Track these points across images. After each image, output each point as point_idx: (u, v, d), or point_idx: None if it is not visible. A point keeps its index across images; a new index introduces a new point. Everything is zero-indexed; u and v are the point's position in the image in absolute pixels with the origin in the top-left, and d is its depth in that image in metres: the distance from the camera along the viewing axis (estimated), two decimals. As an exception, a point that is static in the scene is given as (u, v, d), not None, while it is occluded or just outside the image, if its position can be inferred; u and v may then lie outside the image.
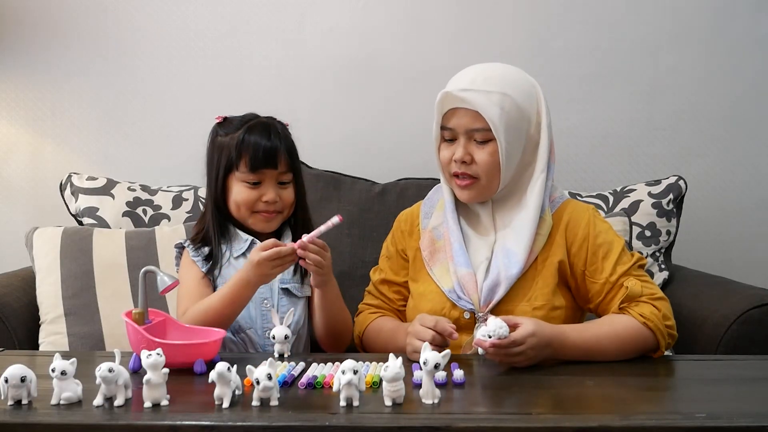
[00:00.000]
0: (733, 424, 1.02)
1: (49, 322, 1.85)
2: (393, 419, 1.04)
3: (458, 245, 1.51)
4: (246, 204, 1.59)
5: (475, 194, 1.51)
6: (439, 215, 1.59)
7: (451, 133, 1.49)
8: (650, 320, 1.40)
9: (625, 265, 1.47)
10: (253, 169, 1.57)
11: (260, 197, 1.58)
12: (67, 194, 2.14)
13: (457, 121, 1.47)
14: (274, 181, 1.60)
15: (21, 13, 2.34)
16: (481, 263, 1.50)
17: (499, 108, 1.43)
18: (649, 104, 2.38)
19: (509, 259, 1.47)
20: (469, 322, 1.48)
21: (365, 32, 2.36)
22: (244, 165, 1.57)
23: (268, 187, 1.59)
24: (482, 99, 1.43)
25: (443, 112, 1.49)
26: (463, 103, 1.45)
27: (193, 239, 1.63)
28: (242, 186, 1.58)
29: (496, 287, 1.47)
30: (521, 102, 1.46)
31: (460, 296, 1.49)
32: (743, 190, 2.40)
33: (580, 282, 1.50)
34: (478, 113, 1.44)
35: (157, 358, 1.09)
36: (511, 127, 1.45)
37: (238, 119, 1.63)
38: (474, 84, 1.45)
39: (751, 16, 2.36)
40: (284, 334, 1.38)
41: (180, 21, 2.35)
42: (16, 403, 1.09)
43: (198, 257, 1.60)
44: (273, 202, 1.59)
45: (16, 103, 2.36)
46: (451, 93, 1.45)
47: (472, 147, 1.48)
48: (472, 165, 1.48)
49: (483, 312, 1.47)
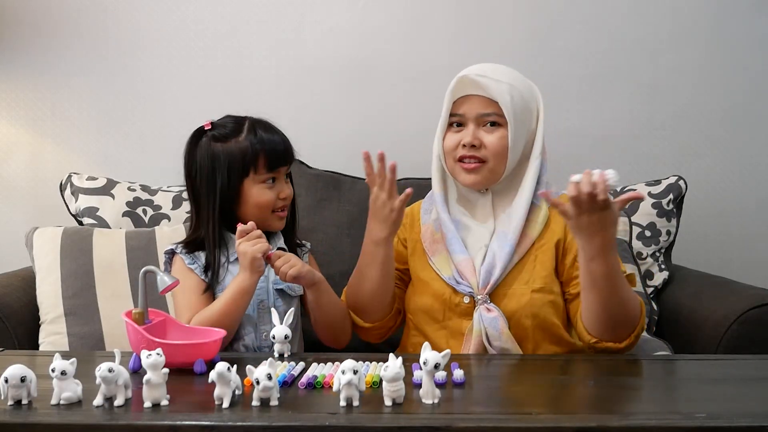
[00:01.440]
0: (733, 424, 1.02)
1: (49, 322, 1.85)
2: (393, 419, 1.04)
3: (451, 234, 1.56)
4: (268, 205, 1.58)
5: (481, 178, 1.55)
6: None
7: (460, 118, 1.55)
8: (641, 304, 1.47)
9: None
10: (272, 168, 1.57)
11: (278, 195, 1.59)
12: (67, 194, 2.14)
13: (469, 107, 1.54)
14: (283, 177, 1.61)
15: (21, 13, 2.34)
16: (479, 249, 1.55)
17: (510, 96, 1.51)
18: (649, 104, 2.38)
19: (503, 241, 1.52)
20: (468, 307, 1.52)
21: (365, 32, 2.36)
22: (263, 166, 1.56)
23: (281, 185, 1.60)
24: (496, 86, 1.51)
25: (455, 98, 1.55)
26: (477, 89, 1.52)
27: (186, 246, 1.60)
28: (262, 188, 1.57)
29: (493, 269, 1.51)
30: (526, 95, 1.54)
31: (459, 281, 1.52)
32: (743, 190, 2.40)
33: (570, 264, 1.54)
34: (489, 100, 1.51)
35: (157, 358, 1.08)
36: (518, 116, 1.52)
37: (231, 123, 1.59)
38: (486, 73, 1.52)
39: (751, 16, 2.36)
40: (284, 334, 1.37)
41: (180, 21, 2.35)
42: (16, 403, 1.08)
43: (195, 265, 1.57)
44: (288, 197, 1.61)
45: (16, 103, 2.36)
46: (468, 76, 1.52)
47: (480, 132, 1.54)
48: (481, 149, 1.53)
49: (482, 294, 1.50)
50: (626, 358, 1.47)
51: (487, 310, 1.49)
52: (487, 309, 1.49)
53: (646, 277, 2.07)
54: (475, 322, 1.48)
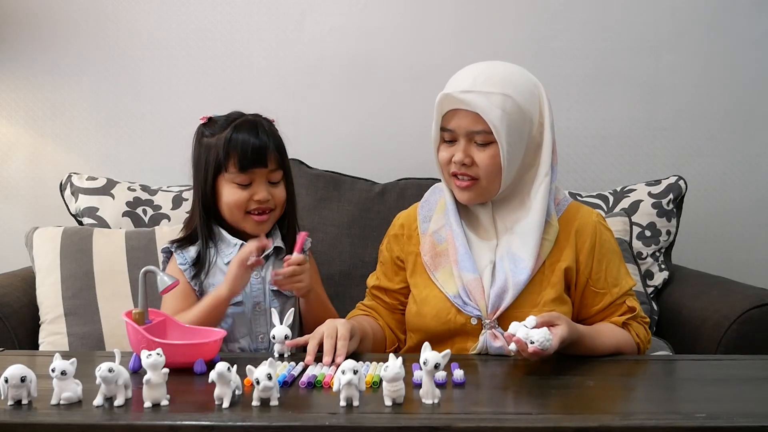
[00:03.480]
0: (733, 424, 1.02)
1: (49, 322, 1.85)
2: (393, 419, 1.04)
3: (463, 249, 1.48)
4: (237, 205, 1.55)
5: (475, 195, 1.48)
6: (439, 218, 1.56)
7: (451, 134, 1.45)
8: (642, 342, 1.49)
9: (627, 284, 1.51)
10: (242, 169, 1.53)
11: (251, 197, 1.55)
12: (67, 194, 2.14)
13: (458, 123, 1.43)
14: (265, 179, 1.56)
15: (21, 14, 2.34)
16: (485, 267, 1.47)
17: (500, 110, 1.40)
18: (649, 104, 2.38)
19: (516, 265, 1.45)
20: (475, 328, 1.46)
21: (365, 32, 2.36)
22: (233, 165, 1.53)
23: (258, 187, 1.56)
24: (483, 101, 1.40)
25: (443, 113, 1.45)
26: (464, 105, 1.41)
27: (179, 243, 1.60)
28: (232, 187, 1.55)
29: (504, 293, 1.44)
30: (523, 103, 1.43)
31: (466, 302, 1.46)
32: (743, 190, 2.40)
33: (581, 288, 1.50)
34: (478, 115, 1.40)
35: (157, 358, 1.08)
36: (513, 128, 1.42)
37: (223, 118, 1.59)
38: (475, 85, 1.41)
39: (750, 16, 2.36)
40: (284, 334, 1.37)
41: (180, 21, 2.35)
42: (16, 403, 1.08)
43: (185, 265, 1.57)
44: (265, 201, 1.56)
45: (16, 103, 2.36)
46: (451, 95, 1.42)
47: (472, 149, 1.44)
48: (473, 167, 1.45)
49: (490, 319, 1.44)
50: (626, 358, 1.47)
51: (493, 336, 1.42)
52: (494, 335, 1.42)
53: (646, 277, 2.07)
54: (479, 345, 1.44)
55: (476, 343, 1.44)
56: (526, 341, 1.25)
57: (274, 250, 1.62)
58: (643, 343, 1.49)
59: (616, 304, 1.50)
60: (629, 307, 1.49)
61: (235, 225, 1.59)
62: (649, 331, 1.53)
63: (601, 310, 1.50)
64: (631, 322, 1.49)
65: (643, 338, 1.49)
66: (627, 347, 1.47)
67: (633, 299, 1.51)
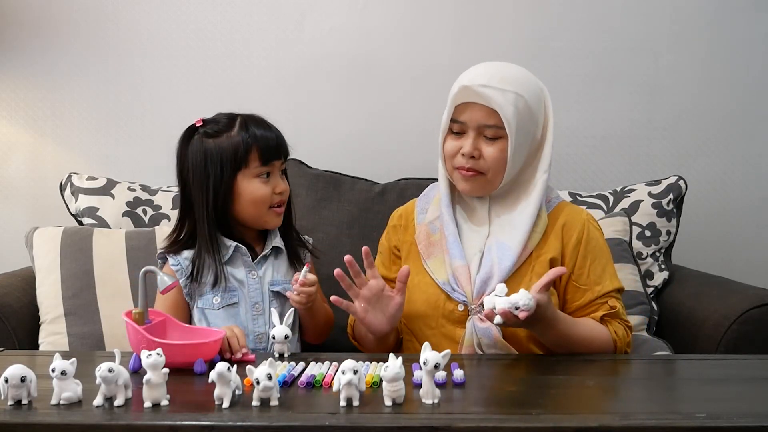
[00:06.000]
0: (733, 424, 1.02)
1: (49, 322, 1.85)
2: (393, 419, 1.04)
3: (453, 238, 1.53)
4: (264, 200, 1.56)
5: (478, 187, 1.52)
6: (435, 209, 1.60)
7: (460, 126, 1.50)
8: (620, 340, 1.49)
9: (611, 285, 1.52)
10: (265, 162, 1.55)
11: (273, 190, 1.57)
12: (67, 194, 2.14)
13: (470, 116, 1.47)
14: (279, 172, 1.59)
15: (21, 14, 2.34)
16: (474, 255, 1.52)
17: (513, 107, 1.44)
18: (649, 104, 2.38)
19: (503, 253, 1.49)
20: (462, 315, 1.49)
21: (365, 32, 2.36)
22: (256, 159, 1.54)
23: (276, 179, 1.58)
24: (500, 96, 1.44)
25: (456, 104, 1.49)
26: (480, 99, 1.45)
27: (170, 246, 1.59)
28: (256, 182, 1.55)
29: (489, 279, 1.48)
30: (532, 104, 1.48)
31: (454, 288, 1.50)
32: (743, 190, 2.40)
33: (565, 283, 1.52)
34: (491, 110, 1.45)
35: (157, 358, 1.08)
36: (522, 127, 1.47)
37: (224, 119, 1.58)
38: (491, 81, 1.45)
39: (751, 16, 2.36)
40: (284, 334, 1.38)
41: (180, 21, 2.35)
42: (16, 403, 1.08)
43: (181, 278, 1.55)
44: (285, 192, 1.59)
45: (16, 103, 2.36)
46: (470, 87, 1.45)
47: (480, 142, 1.49)
48: (480, 160, 1.49)
49: (475, 304, 1.47)
50: (626, 358, 1.47)
51: (480, 320, 1.45)
52: (480, 319, 1.45)
53: (646, 277, 2.07)
54: (467, 332, 1.46)
55: (464, 331, 1.47)
56: (511, 310, 1.27)
57: (273, 250, 1.62)
58: (621, 341, 1.49)
59: (597, 303, 1.51)
60: (611, 306, 1.50)
61: (254, 221, 1.58)
62: (629, 333, 1.52)
63: (581, 306, 1.51)
64: (609, 320, 1.50)
65: (621, 337, 1.49)
66: (602, 341, 1.47)
67: (617, 301, 1.52)
